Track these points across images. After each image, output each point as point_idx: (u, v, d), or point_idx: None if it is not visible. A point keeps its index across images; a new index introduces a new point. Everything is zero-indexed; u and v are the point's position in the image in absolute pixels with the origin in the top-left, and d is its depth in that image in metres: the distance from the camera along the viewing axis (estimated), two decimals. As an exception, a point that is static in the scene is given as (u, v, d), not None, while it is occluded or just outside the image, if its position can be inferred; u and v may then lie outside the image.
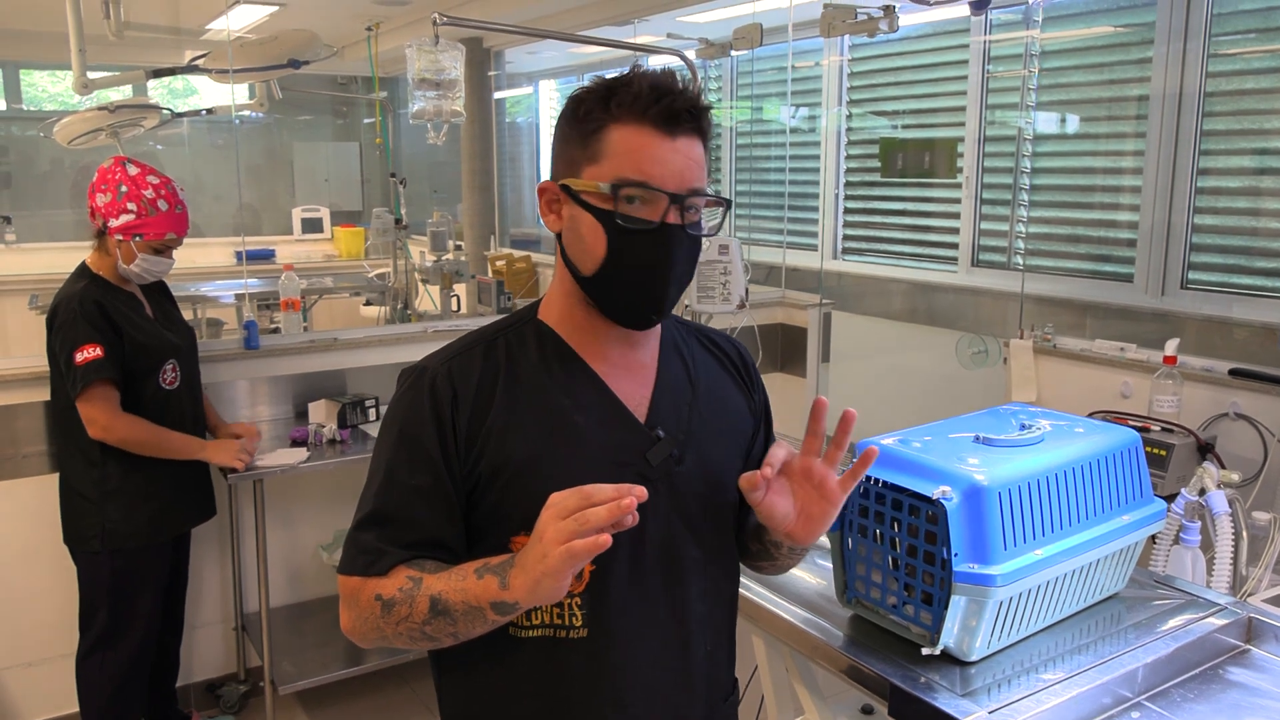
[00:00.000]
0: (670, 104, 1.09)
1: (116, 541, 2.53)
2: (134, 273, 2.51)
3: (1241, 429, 2.46)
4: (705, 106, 1.13)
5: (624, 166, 1.09)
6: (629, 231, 1.10)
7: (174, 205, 2.53)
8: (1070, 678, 1.33)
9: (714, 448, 1.24)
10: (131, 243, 2.48)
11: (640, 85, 1.10)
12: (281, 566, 3.23)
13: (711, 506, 1.23)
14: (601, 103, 1.11)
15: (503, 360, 1.18)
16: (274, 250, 6.47)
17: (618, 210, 1.10)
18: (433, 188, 6.77)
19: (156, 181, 2.52)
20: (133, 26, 4.09)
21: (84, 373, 2.41)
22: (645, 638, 1.18)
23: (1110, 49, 3.56)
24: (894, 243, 4.52)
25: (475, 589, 1.05)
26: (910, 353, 4.29)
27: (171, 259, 2.59)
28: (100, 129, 4.39)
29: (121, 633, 2.58)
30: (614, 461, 1.16)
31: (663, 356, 1.25)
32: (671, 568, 1.19)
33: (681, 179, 1.10)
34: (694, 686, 1.23)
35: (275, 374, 3.21)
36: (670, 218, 1.10)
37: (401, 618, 1.09)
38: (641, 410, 1.20)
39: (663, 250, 1.11)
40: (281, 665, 2.92)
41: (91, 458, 2.52)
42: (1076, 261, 3.71)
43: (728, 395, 1.30)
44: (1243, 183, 3.15)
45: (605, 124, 1.10)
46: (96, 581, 2.56)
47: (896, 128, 4.47)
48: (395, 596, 1.09)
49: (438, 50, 2.22)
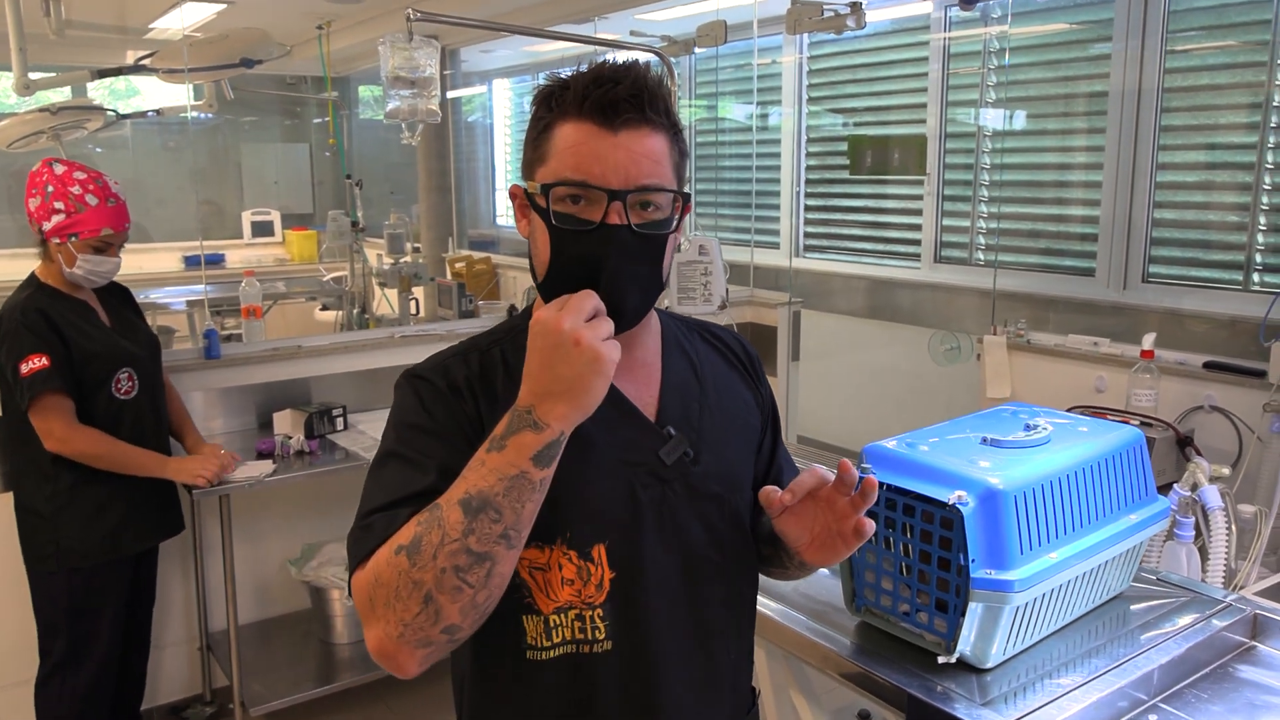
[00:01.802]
0: (605, 94, 1.02)
1: (72, 560, 2.42)
2: (79, 276, 2.40)
3: (1217, 422, 2.49)
4: (653, 94, 1.04)
5: (564, 165, 1.03)
6: (566, 233, 1.04)
7: (105, 199, 2.41)
8: (1088, 682, 1.32)
9: (728, 446, 1.19)
10: (69, 244, 2.37)
11: (584, 79, 1.03)
12: (249, 583, 3.13)
13: (729, 507, 1.18)
14: (545, 100, 1.06)
15: (499, 363, 1.12)
16: (224, 255, 6.30)
17: (553, 210, 1.04)
18: (389, 189, 6.64)
19: (84, 177, 2.40)
20: (74, 25, 3.96)
21: (30, 384, 2.31)
22: (671, 647, 1.13)
23: (1068, 46, 3.60)
24: (856, 240, 4.54)
25: (502, 461, 0.94)
26: (879, 350, 4.31)
27: (116, 258, 2.45)
28: (41, 131, 4.22)
29: (82, 655, 2.47)
30: (624, 462, 1.11)
31: (666, 355, 1.20)
32: (694, 574, 1.14)
33: (626, 175, 1.02)
34: (720, 696, 1.19)
35: (237, 384, 3.11)
36: (612, 217, 1.02)
37: (435, 547, 0.93)
38: (650, 410, 1.15)
39: (600, 252, 1.03)
40: (251, 685, 2.83)
41: (45, 472, 2.41)
42: (1038, 256, 3.75)
43: (736, 391, 1.25)
44: (1198, 177, 3.20)
45: (550, 123, 1.05)
46: (54, 602, 2.45)
47: (848, 125, 4.49)
48: (418, 532, 0.95)
49: (412, 47, 2.16)
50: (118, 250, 2.46)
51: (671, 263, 1.16)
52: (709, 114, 5.12)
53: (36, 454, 2.40)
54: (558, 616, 1.08)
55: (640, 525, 1.10)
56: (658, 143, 1.05)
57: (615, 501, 1.09)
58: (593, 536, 1.08)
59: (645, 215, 1.05)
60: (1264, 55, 2.95)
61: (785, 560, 1.24)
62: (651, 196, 1.04)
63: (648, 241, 1.06)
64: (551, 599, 1.08)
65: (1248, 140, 3.03)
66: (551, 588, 1.07)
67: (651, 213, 1.05)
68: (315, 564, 3.06)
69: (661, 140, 1.05)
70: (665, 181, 1.05)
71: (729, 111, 5.02)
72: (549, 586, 1.07)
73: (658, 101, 1.05)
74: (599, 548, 1.08)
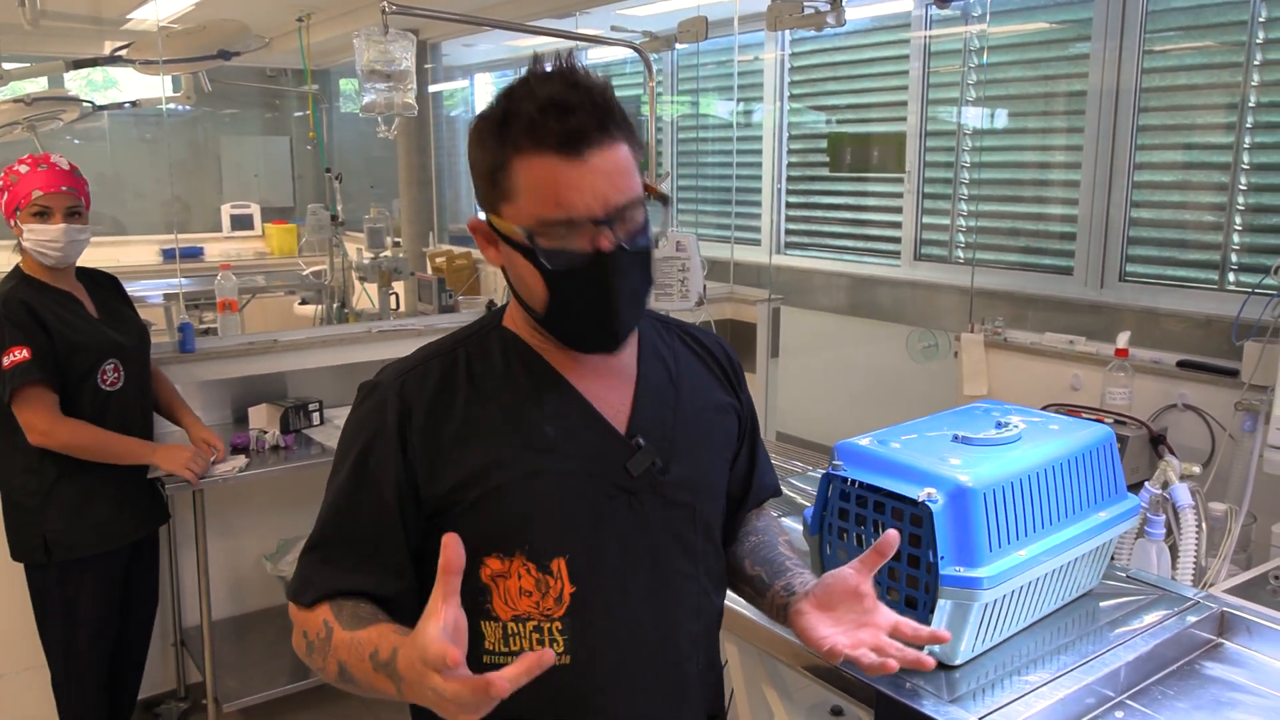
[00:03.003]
0: (569, 126, 0.97)
1: (61, 552, 2.41)
2: (34, 251, 2.37)
3: (1189, 420, 2.50)
4: (608, 109, 1.00)
5: (539, 204, 0.99)
6: (563, 272, 1.02)
7: (36, 166, 2.39)
8: (1055, 679, 1.32)
9: (700, 454, 1.18)
10: (15, 221, 2.36)
11: (529, 109, 0.98)
12: (223, 578, 3.11)
13: (700, 517, 1.17)
14: (496, 135, 1.01)
15: (462, 372, 1.10)
16: (202, 248, 6.26)
17: (541, 249, 1.01)
18: (370, 183, 6.61)
19: (24, 157, 2.42)
20: (49, 15, 3.92)
21: (11, 376, 2.29)
22: (635, 661, 1.12)
23: (1048, 45, 3.62)
24: (836, 237, 4.55)
25: (373, 678, 0.97)
26: (858, 346, 4.32)
27: (60, 225, 2.36)
28: (17, 122, 4.18)
29: (78, 648, 2.48)
30: (589, 474, 1.09)
31: (642, 360, 1.17)
32: (661, 585, 1.13)
33: (605, 199, 1.00)
34: (687, 708, 1.18)
35: (212, 378, 3.08)
36: (602, 243, 1.00)
37: (319, 666, 1.06)
38: (621, 419, 1.12)
39: (601, 280, 1.02)
40: (224, 681, 2.81)
41: (29, 465, 2.40)
42: (1017, 255, 3.77)
43: (713, 398, 1.23)
44: (1175, 177, 3.22)
45: (507, 158, 1.00)
46: (46, 594, 2.45)
47: (831, 122, 4.49)
48: (314, 643, 1.06)
49: (387, 40, 2.14)
50: (63, 218, 2.38)
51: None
52: (690, 110, 5.11)
53: (20, 447, 2.38)
54: (515, 625, 1.07)
55: (603, 539, 1.09)
56: (623, 154, 1.02)
57: (577, 515, 1.08)
58: (553, 550, 1.07)
59: (630, 229, 1.04)
60: (1240, 56, 2.97)
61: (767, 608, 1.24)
62: (633, 212, 1.03)
63: (642, 256, 1.06)
64: (510, 607, 1.07)
65: (1224, 140, 3.05)
66: (510, 596, 1.07)
67: (632, 226, 1.04)
68: (290, 559, 3.04)
69: (625, 150, 1.03)
70: (638, 189, 1.04)
71: (712, 108, 5.02)
72: (508, 594, 1.07)
73: (614, 114, 1.01)
74: (559, 561, 1.06)
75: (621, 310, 1.05)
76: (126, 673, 2.70)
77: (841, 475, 1.43)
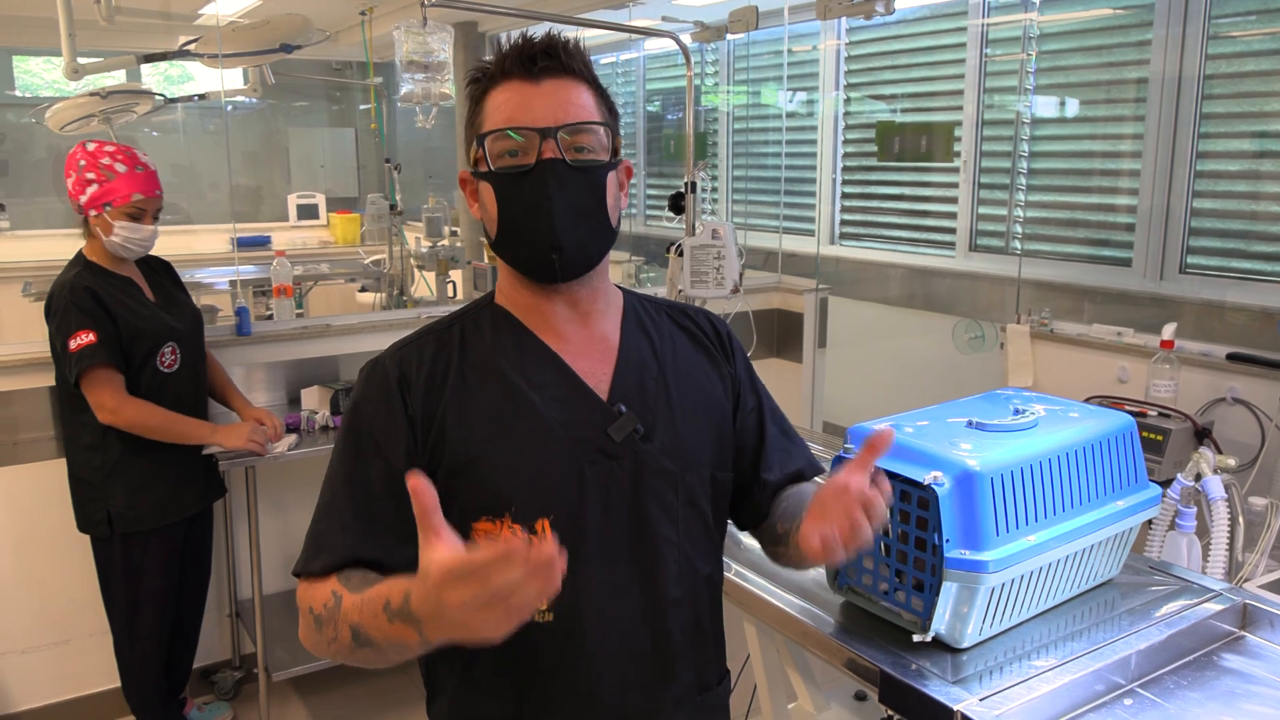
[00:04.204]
0: (523, 50, 1.11)
1: (124, 525, 2.53)
2: (118, 245, 2.48)
3: (1239, 414, 2.44)
4: (569, 49, 1.12)
5: (496, 121, 1.11)
6: (507, 178, 1.11)
7: (133, 166, 2.49)
8: (1062, 664, 1.32)
9: (685, 424, 1.21)
10: (104, 214, 2.45)
11: (507, 52, 1.12)
12: (274, 553, 3.22)
13: (684, 484, 1.19)
14: (476, 78, 1.15)
15: (456, 345, 1.17)
16: (269, 237, 6.44)
17: (491, 157, 1.11)
18: (428, 173, 6.73)
19: (112, 149, 2.49)
20: (124, 12, 4.07)
21: (78, 359, 2.40)
22: (616, 623, 1.15)
23: (1109, 31, 3.53)
24: (891, 228, 4.50)
25: (392, 630, 0.95)
26: (907, 338, 4.27)
27: (151, 226, 2.52)
28: (92, 115, 4.35)
29: (140, 617, 2.61)
30: (573, 438, 1.14)
31: (625, 332, 1.23)
32: (643, 549, 1.16)
33: (554, 115, 1.09)
34: (672, 674, 1.20)
35: (268, 360, 3.19)
36: (546, 154, 1.09)
37: (331, 639, 1.04)
38: (603, 387, 1.17)
39: (539, 186, 1.10)
40: (275, 652, 2.91)
41: (93, 443, 2.51)
42: (1075, 246, 3.69)
43: (700, 370, 1.26)
44: (1242, 166, 3.12)
45: (481, 92, 1.14)
46: (110, 565, 2.58)
47: (896, 111, 4.44)
48: (321, 615, 1.05)
49: (425, 32, 2.20)
50: (152, 219, 2.53)
51: (619, 211, 1.19)
52: (748, 100, 5.10)
53: (85, 425, 2.50)
54: None
55: (585, 501, 1.13)
56: (582, 93, 1.12)
57: (561, 478, 1.13)
58: (537, 511, 1.11)
59: (578, 150, 1.11)
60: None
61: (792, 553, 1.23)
62: (583, 138, 1.11)
63: (585, 174, 1.11)
64: None
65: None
66: None
67: (586, 154, 1.12)
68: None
69: (585, 91, 1.13)
70: (591, 119, 1.12)
71: (773, 98, 5.00)
72: None
73: (575, 55, 1.12)
74: (543, 522, 1.11)
75: (558, 222, 1.11)
76: (181, 641, 2.82)
77: (850, 459, 1.43)
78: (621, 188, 1.19)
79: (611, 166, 1.15)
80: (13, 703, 2.90)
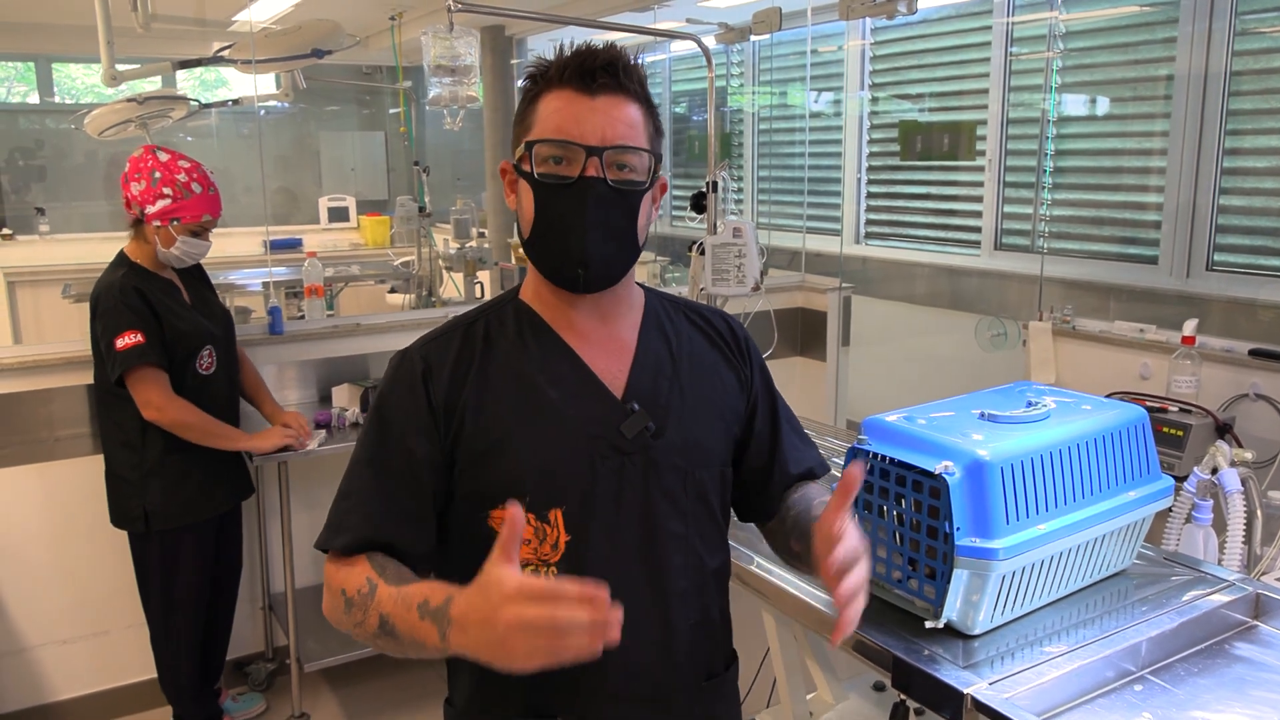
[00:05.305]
0: (583, 63, 1.12)
1: (159, 522, 2.60)
2: (174, 256, 2.56)
3: (1261, 409, 2.44)
4: (628, 67, 1.14)
5: (547, 128, 1.13)
6: (548, 187, 1.14)
7: (207, 188, 2.59)
8: (1073, 650, 1.34)
9: (696, 423, 1.25)
10: (169, 227, 2.53)
11: (566, 58, 1.14)
12: (306, 548, 3.27)
13: (693, 480, 1.24)
14: (533, 78, 1.17)
15: (480, 340, 1.21)
16: (301, 239, 6.54)
17: (536, 163, 1.14)
18: (456, 176, 6.80)
19: (188, 165, 2.58)
20: (160, 19, 4.16)
21: (124, 358, 2.46)
22: (625, 613, 1.19)
23: (1135, 29, 3.53)
24: (917, 226, 4.51)
25: (417, 627, 1.01)
26: (930, 336, 4.28)
27: (209, 241, 2.63)
28: (129, 120, 4.45)
29: (176, 610, 2.68)
30: (587, 435, 1.18)
31: (643, 332, 1.27)
32: (651, 542, 1.21)
33: (603, 135, 1.12)
34: (678, 663, 1.24)
35: (300, 359, 3.26)
36: (589, 171, 1.12)
37: (358, 623, 1.09)
38: (618, 385, 1.22)
39: (577, 202, 1.13)
40: (307, 644, 2.98)
41: (130, 441, 2.58)
42: (1100, 244, 3.69)
43: (714, 371, 1.30)
44: (1270, 163, 3.11)
45: (536, 94, 1.16)
46: (147, 560, 2.65)
47: (922, 111, 4.45)
48: (354, 599, 1.10)
49: (453, 36, 2.26)
50: (209, 234, 2.64)
51: (648, 228, 1.23)
52: (772, 100, 5.12)
53: (123, 423, 2.57)
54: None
55: (596, 493, 1.17)
56: (633, 111, 1.14)
57: (575, 470, 1.17)
58: (551, 501, 1.16)
59: (621, 175, 1.14)
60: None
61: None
62: (627, 158, 1.13)
63: (622, 196, 1.15)
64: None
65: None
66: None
67: (627, 174, 1.15)
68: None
69: (637, 110, 1.15)
70: (640, 143, 1.14)
71: (799, 99, 5.02)
72: None
73: (633, 74, 1.14)
74: (556, 512, 1.16)
75: (590, 237, 1.14)
76: (215, 633, 2.89)
77: (866, 450, 1.47)
78: (655, 203, 1.23)
79: (649, 188, 1.19)
80: (54, 691, 2.99)
